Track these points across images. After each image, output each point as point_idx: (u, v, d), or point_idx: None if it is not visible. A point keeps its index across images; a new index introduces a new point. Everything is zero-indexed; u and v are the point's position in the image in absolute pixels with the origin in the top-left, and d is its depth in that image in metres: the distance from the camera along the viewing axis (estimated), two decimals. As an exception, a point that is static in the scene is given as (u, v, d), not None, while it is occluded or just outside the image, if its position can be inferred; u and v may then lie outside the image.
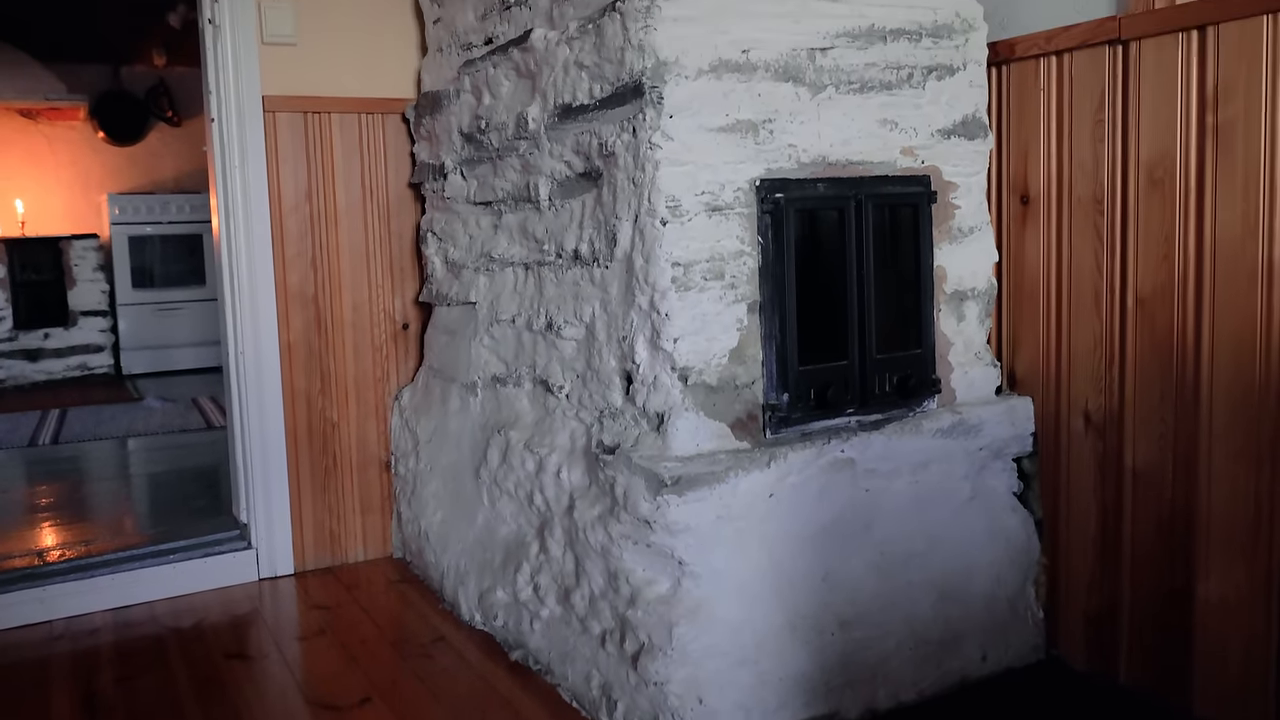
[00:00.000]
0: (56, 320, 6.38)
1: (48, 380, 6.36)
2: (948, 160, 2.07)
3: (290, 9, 2.74)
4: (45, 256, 6.37)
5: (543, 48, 2.08)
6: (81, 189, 7.11)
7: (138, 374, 6.58)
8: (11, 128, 6.91)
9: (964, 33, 2.07)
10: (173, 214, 6.74)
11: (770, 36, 1.86)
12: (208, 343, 6.54)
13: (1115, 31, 1.92)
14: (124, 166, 7.29)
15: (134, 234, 6.61)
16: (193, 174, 7.39)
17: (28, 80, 6.41)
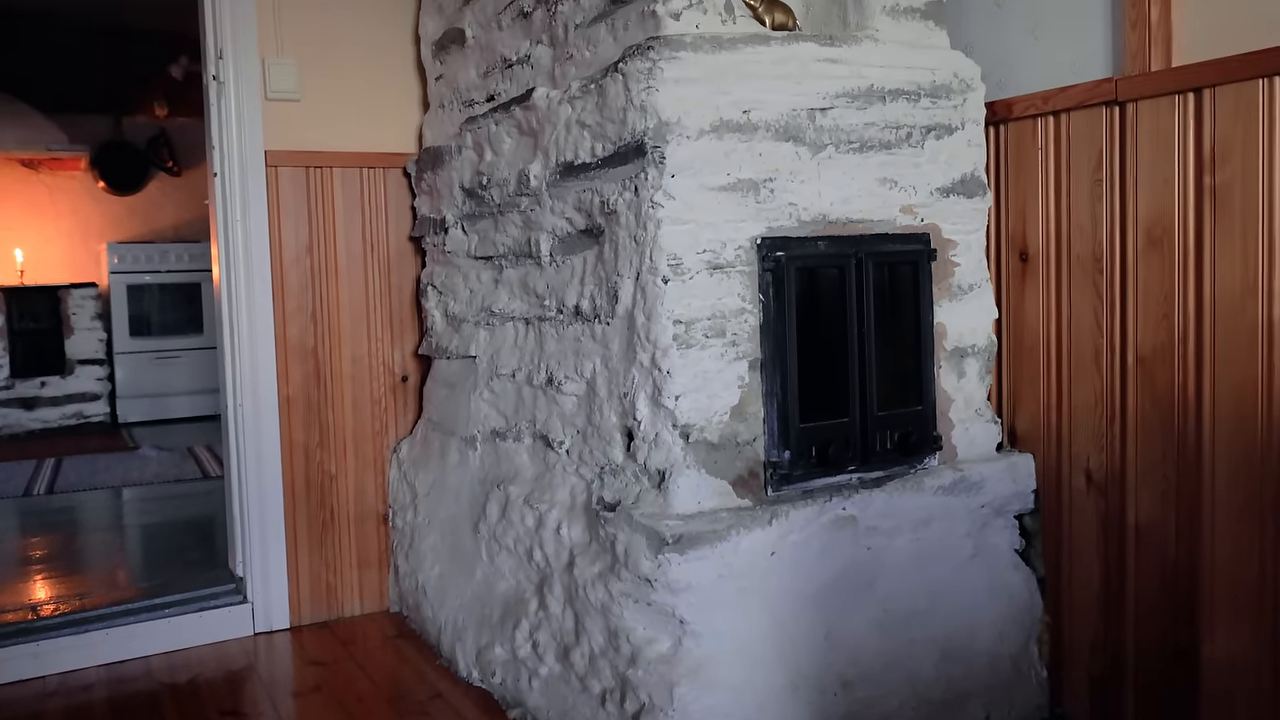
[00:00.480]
0: (53, 369, 6.37)
1: (43, 429, 6.34)
2: (947, 218, 2.09)
3: (294, 66, 2.77)
4: (43, 305, 6.38)
5: (545, 106, 2.10)
6: (81, 238, 7.14)
7: (134, 422, 6.56)
8: (13, 177, 6.95)
9: (962, 93, 2.09)
10: (171, 263, 6.76)
11: (771, 97, 1.88)
12: (204, 391, 6.53)
13: (1112, 93, 1.95)
14: (124, 216, 7.32)
15: (132, 283, 6.62)
16: (192, 223, 7.42)
17: (30, 131, 6.45)
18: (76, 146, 6.68)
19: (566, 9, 2.15)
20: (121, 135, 7.30)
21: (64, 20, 6.58)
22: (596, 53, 2.06)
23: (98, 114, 7.16)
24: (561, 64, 2.19)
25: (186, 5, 6.09)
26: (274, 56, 2.76)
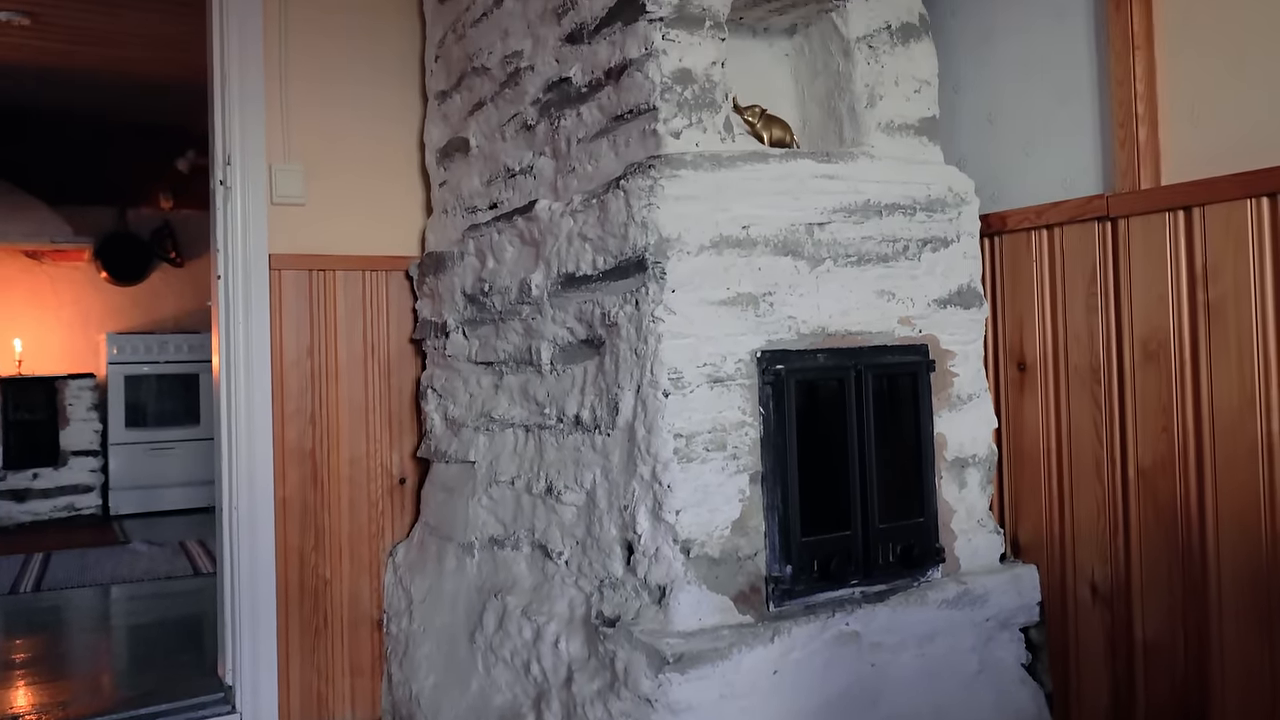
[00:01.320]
0: (47, 460, 6.33)
1: (34, 521, 6.28)
2: (945, 329, 2.11)
3: (300, 171, 2.82)
4: (40, 396, 6.37)
5: (547, 218, 2.13)
6: (81, 328, 7.16)
7: (126, 514, 6.50)
8: (16, 268, 7.00)
9: (957, 206, 2.13)
10: (170, 353, 6.77)
11: (770, 213, 1.91)
12: (198, 483, 6.48)
13: (1104, 209, 1.98)
14: (124, 306, 7.36)
15: (130, 373, 6.62)
16: (193, 313, 7.46)
17: (34, 223, 6.53)
18: (81, 238, 6.74)
19: (569, 124, 2.19)
20: (126, 226, 7.38)
21: (76, 115, 6.72)
22: (598, 167, 2.10)
23: (103, 205, 7.26)
24: (564, 176, 2.23)
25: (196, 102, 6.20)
26: (281, 162, 2.81)
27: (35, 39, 5.31)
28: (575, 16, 2.14)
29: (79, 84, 6.08)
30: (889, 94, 2.15)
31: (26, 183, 6.76)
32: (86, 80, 6.02)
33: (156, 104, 6.48)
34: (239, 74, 2.77)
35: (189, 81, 5.88)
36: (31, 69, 5.79)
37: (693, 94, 1.94)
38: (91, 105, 6.54)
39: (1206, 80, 1.85)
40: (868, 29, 2.15)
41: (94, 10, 4.97)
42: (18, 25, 5.08)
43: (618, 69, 2.01)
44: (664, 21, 1.92)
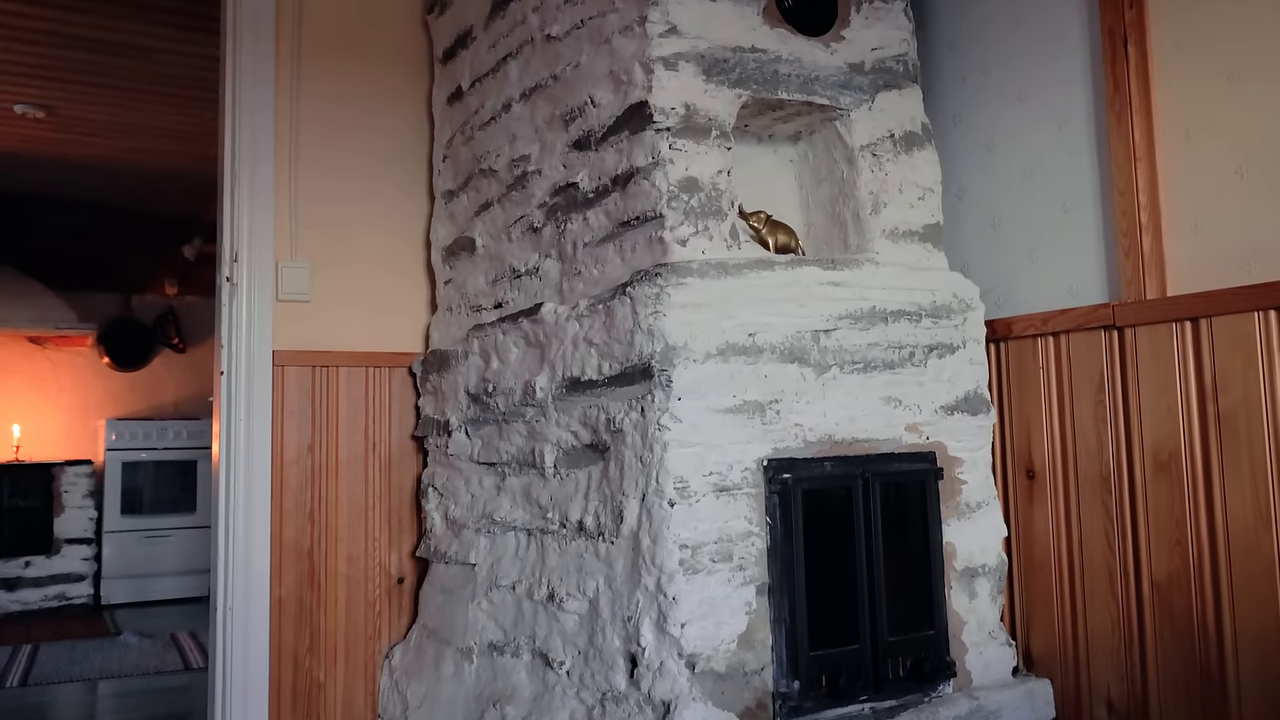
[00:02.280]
0: (39, 548, 6.25)
1: (23, 611, 6.16)
2: (952, 435, 2.09)
3: (307, 268, 2.83)
4: (35, 482, 6.32)
5: (553, 321, 2.13)
6: (80, 414, 7.14)
7: (117, 604, 6.39)
8: (18, 353, 7.01)
9: (962, 312, 2.13)
10: (169, 440, 6.74)
11: (776, 320, 1.91)
12: (192, 572, 6.40)
13: (1110, 318, 1.98)
14: (125, 391, 7.35)
15: (128, 459, 6.58)
16: (193, 399, 7.45)
17: (39, 309, 6.55)
18: (85, 325, 6.75)
19: (576, 228, 2.21)
20: (130, 313, 7.41)
21: (86, 203, 6.80)
22: (605, 271, 2.11)
23: (108, 291, 7.30)
24: (570, 279, 2.23)
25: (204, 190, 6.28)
26: (288, 259, 2.82)
27: (49, 130, 5.40)
28: (583, 124, 2.17)
29: (90, 172, 6.17)
30: (893, 201, 2.17)
31: (33, 269, 6.81)
32: (97, 169, 6.11)
33: (165, 191, 6.57)
34: (249, 169, 2.80)
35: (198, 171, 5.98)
36: (44, 159, 5.89)
37: (699, 202, 1.95)
38: (101, 193, 6.62)
39: (1209, 192, 1.86)
40: (871, 137, 2.18)
41: (109, 103, 5.07)
42: (33, 118, 5.17)
43: (625, 176, 2.03)
44: (671, 131, 1.95)
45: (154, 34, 4.28)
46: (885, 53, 2.22)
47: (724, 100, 2.02)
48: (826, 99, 2.13)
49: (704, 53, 2.01)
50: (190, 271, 7.39)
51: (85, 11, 4.05)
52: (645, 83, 1.97)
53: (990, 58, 2.29)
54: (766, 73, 2.07)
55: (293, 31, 2.87)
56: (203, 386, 7.47)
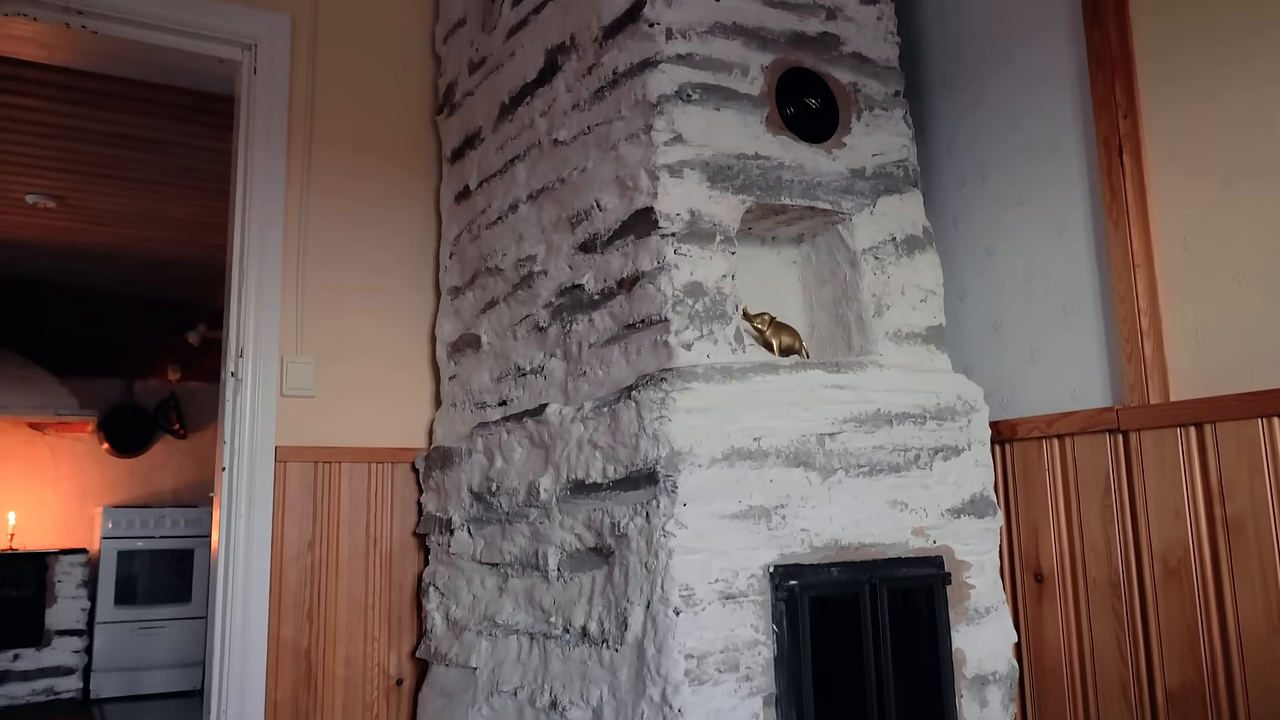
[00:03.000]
0: (29, 640, 6.14)
1: (9, 706, 6.03)
2: (959, 539, 2.07)
3: (312, 363, 2.84)
4: (28, 572, 6.24)
5: (557, 422, 2.13)
6: (77, 501, 7.09)
7: (107, 698, 6.26)
8: (18, 439, 6.99)
9: (966, 414, 2.13)
10: (166, 528, 6.68)
11: (781, 424, 1.91)
12: (185, 665, 6.28)
13: (1114, 422, 1.98)
14: (123, 478, 7.32)
15: (124, 548, 6.51)
16: (192, 486, 7.41)
17: (41, 396, 6.56)
18: (86, 411, 6.75)
19: (581, 329, 2.22)
20: (132, 398, 7.41)
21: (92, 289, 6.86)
22: (610, 373, 2.12)
23: (111, 377, 7.31)
24: (575, 379, 2.24)
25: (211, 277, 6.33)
26: (293, 354, 2.83)
27: (60, 219, 5.47)
28: (589, 227, 2.20)
29: (98, 259, 6.23)
30: (896, 303, 2.19)
31: (37, 354, 6.83)
32: (106, 256, 6.17)
33: (172, 279, 6.63)
34: (257, 266, 2.82)
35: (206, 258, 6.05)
36: (53, 247, 5.95)
37: (704, 306, 1.97)
38: (108, 280, 6.69)
39: (1208, 298, 1.88)
40: (873, 241, 2.21)
41: (120, 194, 5.14)
42: (44, 208, 5.24)
43: (630, 280, 2.05)
44: (676, 236, 1.98)
45: (168, 128, 4.37)
46: (886, 158, 2.26)
47: (728, 206, 2.05)
48: (829, 204, 2.17)
49: (708, 160, 2.05)
50: (194, 357, 7.41)
51: (102, 107, 4.14)
52: (651, 189, 2.01)
53: (988, 162, 2.34)
54: (770, 179, 2.11)
55: (305, 129, 2.93)
56: (203, 473, 7.44)
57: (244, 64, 2.89)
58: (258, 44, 2.88)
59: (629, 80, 2.10)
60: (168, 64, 2.98)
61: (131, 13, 2.74)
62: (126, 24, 2.76)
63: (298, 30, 2.95)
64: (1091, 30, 2.06)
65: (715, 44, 2.10)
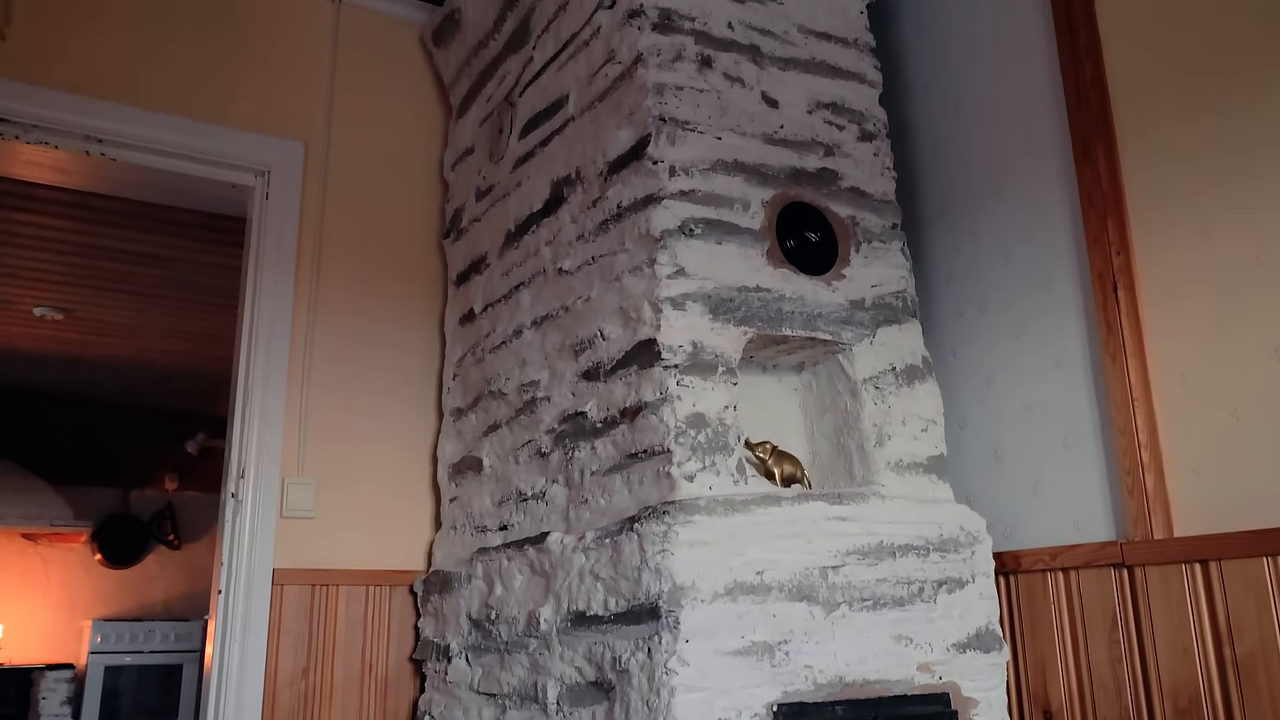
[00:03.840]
0: (9, 761, 6.00)
1: (-12, 827, 5.85)
2: (965, 675, 2.04)
3: (313, 485, 2.84)
4: (12, 688, 6.11)
5: (559, 551, 2.12)
6: (67, 613, 6.99)
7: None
8: (10, 549, 6.92)
9: (970, 545, 2.12)
10: (156, 643, 6.58)
11: (783, 557, 1.90)
12: (169, 786, 6.11)
13: (1119, 556, 1.98)
14: (114, 590, 7.22)
15: (111, 663, 6.40)
16: (183, 598, 7.31)
17: (36, 505, 6.52)
18: (80, 521, 6.71)
19: (583, 456, 2.23)
20: (128, 508, 7.37)
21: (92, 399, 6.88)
22: (611, 501, 2.12)
23: (107, 486, 7.28)
24: (576, 506, 2.24)
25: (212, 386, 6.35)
26: (294, 475, 2.83)
27: (66, 331, 5.53)
28: (592, 355, 2.23)
29: (101, 370, 6.27)
30: (897, 433, 2.21)
31: (34, 463, 6.82)
32: (109, 367, 6.21)
33: (174, 389, 6.66)
34: (262, 387, 2.83)
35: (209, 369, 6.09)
36: (58, 358, 5.99)
37: (706, 438, 1.98)
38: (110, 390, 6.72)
39: (1207, 434, 1.90)
40: (873, 370, 2.24)
41: (126, 307, 5.21)
42: (51, 319, 5.30)
43: (633, 410, 2.06)
44: (678, 368, 2.00)
45: (176, 245, 4.45)
46: (884, 289, 2.30)
47: (730, 337, 2.08)
48: (829, 334, 2.20)
49: (710, 292, 2.08)
50: (192, 466, 7.39)
51: (112, 225, 4.23)
52: (654, 321, 2.04)
53: (985, 294, 2.38)
54: (771, 310, 2.14)
55: (313, 251, 2.98)
56: (195, 584, 7.35)
57: (257, 189, 2.96)
58: (271, 170, 2.96)
59: (633, 214, 2.15)
60: (181, 188, 3.06)
61: (151, 141, 2.82)
62: (145, 152, 2.83)
63: (310, 157, 3.03)
64: (1082, 168, 2.13)
65: (717, 180, 2.16)
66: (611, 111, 2.25)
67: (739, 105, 2.24)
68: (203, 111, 2.90)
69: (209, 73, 2.94)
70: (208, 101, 2.92)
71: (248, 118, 2.96)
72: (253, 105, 2.98)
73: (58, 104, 2.70)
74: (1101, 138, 2.09)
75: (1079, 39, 2.15)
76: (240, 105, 2.96)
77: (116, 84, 2.81)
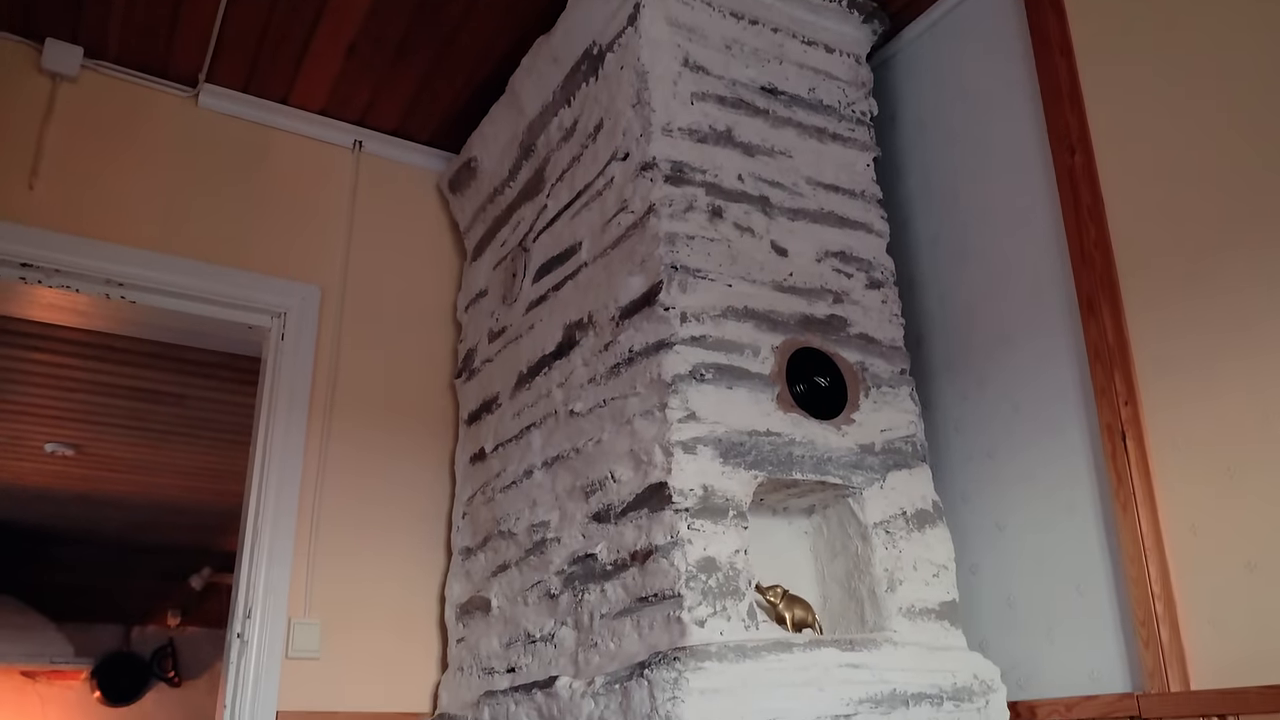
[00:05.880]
0: None
1: None
2: (983, 832, 1.98)
3: (318, 627, 2.81)
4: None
5: (567, 697, 2.09)
6: (62, 754, 6.81)
7: None
8: (8, 687, 6.80)
9: (984, 694, 2.09)
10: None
11: (795, 705, 1.87)
12: None
13: (1135, 709, 1.94)
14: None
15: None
16: (180, 740, 7.12)
17: (37, 643, 6.44)
18: (81, 659, 6.61)
19: (593, 598, 2.22)
20: (129, 645, 7.26)
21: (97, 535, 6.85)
22: (621, 646, 2.10)
23: (109, 623, 7.19)
24: (585, 650, 2.22)
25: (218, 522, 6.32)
26: (300, 616, 2.81)
27: (75, 467, 5.55)
28: (603, 498, 2.24)
29: (108, 506, 6.26)
30: (908, 578, 2.20)
31: (36, 600, 6.75)
32: (116, 503, 6.21)
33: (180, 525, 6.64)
34: (272, 524, 2.84)
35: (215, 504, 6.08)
36: (65, 494, 5.99)
37: (717, 582, 1.98)
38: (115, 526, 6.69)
39: (1221, 585, 1.89)
40: (884, 515, 2.24)
41: (136, 443, 5.24)
42: (61, 456, 5.33)
43: (644, 553, 2.07)
44: (689, 512, 2.01)
45: (189, 384, 4.50)
46: (894, 434, 2.33)
47: (741, 481, 2.10)
48: (839, 478, 2.22)
49: (721, 437, 2.11)
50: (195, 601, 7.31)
51: (125, 364, 4.28)
52: (665, 464, 2.06)
53: (995, 441, 2.40)
54: (781, 455, 2.16)
55: (327, 391, 3.03)
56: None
57: (273, 330, 3.03)
58: (287, 312, 3.03)
59: (644, 359, 2.20)
60: (198, 329, 3.12)
61: (170, 285, 2.89)
62: (164, 295, 2.90)
63: (326, 299, 3.11)
64: (1088, 322, 2.17)
65: (727, 326, 2.22)
66: (624, 259, 2.33)
67: (749, 254, 2.31)
68: (223, 257, 2.99)
69: (231, 220, 3.05)
70: (229, 248, 3.01)
71: (267, 263, 3.05)
72: (272, 251, 3.07)
73: (82, 250, 2.78)
74: (1106, 294, 2.14)
75: (1082, 201, 2.23)
76: (260, 251, 3.06)
77: (140, 231, 2.90)
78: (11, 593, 6.65)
